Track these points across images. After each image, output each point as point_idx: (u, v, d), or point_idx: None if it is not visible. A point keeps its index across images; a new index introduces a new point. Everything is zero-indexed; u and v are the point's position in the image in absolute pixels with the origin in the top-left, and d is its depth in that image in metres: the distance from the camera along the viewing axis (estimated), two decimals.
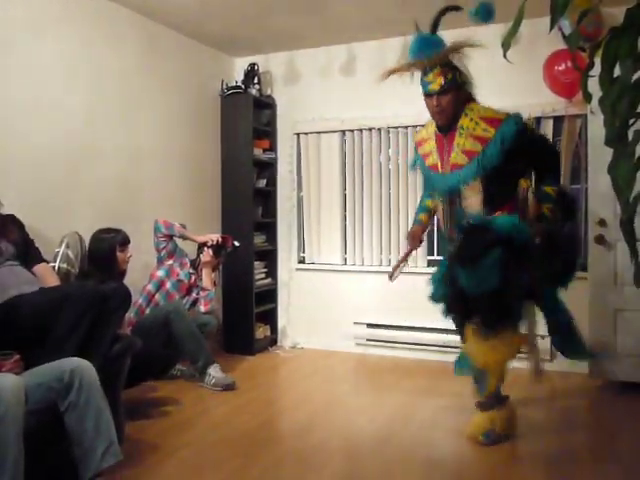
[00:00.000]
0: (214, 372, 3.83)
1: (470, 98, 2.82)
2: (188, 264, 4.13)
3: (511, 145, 2.66)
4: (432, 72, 2.72)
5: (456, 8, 2.83)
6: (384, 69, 2.86)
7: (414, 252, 3.54)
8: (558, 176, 2.87)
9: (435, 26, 2.83)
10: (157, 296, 3.96)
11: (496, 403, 2.94)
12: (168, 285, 4.00)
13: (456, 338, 3.88)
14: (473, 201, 2.78)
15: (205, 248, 4.12)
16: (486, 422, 2.88)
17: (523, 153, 2.72)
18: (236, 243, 4.27)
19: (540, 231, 2.75)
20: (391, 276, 3.22)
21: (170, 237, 4.05)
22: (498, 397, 2.97)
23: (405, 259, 3.31)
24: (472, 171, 2.72)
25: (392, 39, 4.69)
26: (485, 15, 2.81)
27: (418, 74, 2.85)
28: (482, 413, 2.93)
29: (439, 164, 2.84)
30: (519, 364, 4.33)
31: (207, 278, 4.12)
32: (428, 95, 2.76)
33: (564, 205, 2.82)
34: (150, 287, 3.97)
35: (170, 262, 4.06)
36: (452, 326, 3.17)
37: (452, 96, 2.74)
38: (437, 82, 2.71)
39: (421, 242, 3.27)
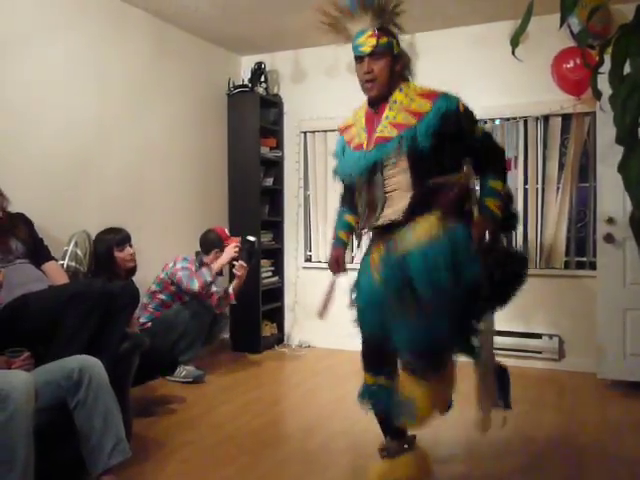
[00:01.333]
0: (187, 367, 3.96)
1: (406, 78, 2.42)
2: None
3: (448, 121, 2.25)
4: (366, 33, 2.31)
5: None
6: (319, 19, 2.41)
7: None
8: (504, 174, 2.43)
9: None
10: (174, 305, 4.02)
11: (407, 447, 2.43)
12: (186, 298, 4.02)
13: None
14: (398, 181, 2.28)
15: (235, 254, 4.10)
16: (396, 470, 2.38)
17: (460, 135, 2.28)
18: (250, 238, 4.24)
19: (484, 227, 2.28)
20: (321, 314, 2.65)
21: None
22: (408, 439, 2.45)
23: (332, 291, 2.74)
24: (400, 143, 2.25)
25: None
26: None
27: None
28: (389, 460, 2.41)
29: (365, 143, 2.35)
30: (526, 363, 4.35)
31: (240, 285, 4.24)
32: (359, 58, 2.33)
33: (507, 212, 2.41)
34: (164, 297, 4.01)
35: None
36: None
37: (386, 62, 2.31)
38: (369, 43, 2.29)
39: (345, 269, 2.68)
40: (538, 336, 4.36)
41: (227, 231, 4.35)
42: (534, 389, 3.87)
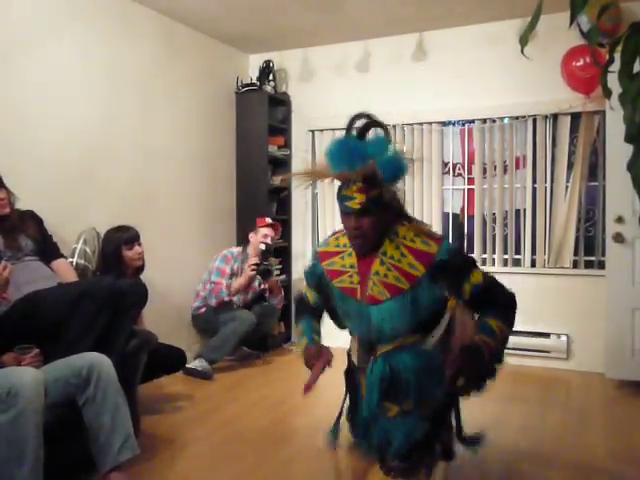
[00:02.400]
0: (199, 362, 4.06)
1: (397, 219, 2.26)
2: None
3: (441, 276, 2.16)
4: (353, 186, 2.13)
5: (380, 124, 2.28)
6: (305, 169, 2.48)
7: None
8: (511, 321, 2.18)
9: (363, 131, 2.22)
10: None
11: None
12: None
13: None
14: (395, 335, 2.27)
15: (252, 273, 4.31)
16: None
17: (455, 279, 2.17)
18: (261, 247, 4.46)
19: (463, 363, 2.03)
20: (308, 388, 2.49)
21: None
22: None
23: (318, 375, 2.54)
24: (397, 309, 2.19)
25: (407, 35, 4.69)
26: (391, 172, 2.17)
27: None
28: None
29: (358, 290, 2.26)
30: (534, 362, 4.34)
31: (277, 292, 4.67)
32: (345, 214, 2.22)
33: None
34: (223, 280, 4.34)
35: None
36: None
37: (375, 218, 2.16)
38: (357, 200, 2.13)
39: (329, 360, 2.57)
40: (546, 335, 4.35)
41: (267, 220, 4.60)
42: (542, 388, 3.86)
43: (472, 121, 4.60)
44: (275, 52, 5.19)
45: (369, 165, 2.11)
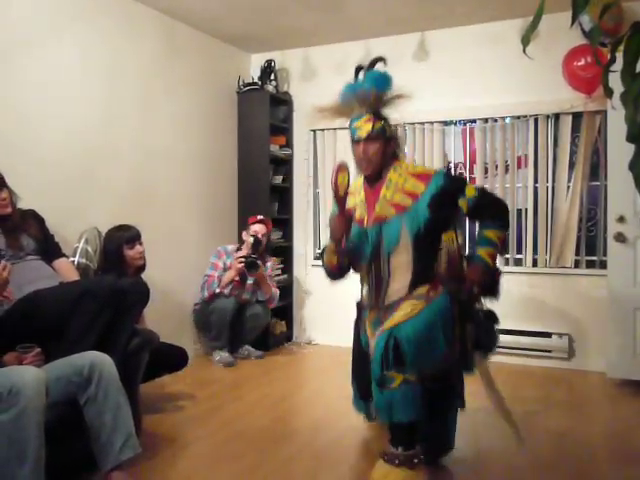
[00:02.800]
0: (222, 353, 4.43)
1: (397, 157, 2.65)
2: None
3: (441, 197, 2.48)
4: (361, 119, 2.57)
5: (381, 59, 2.73)
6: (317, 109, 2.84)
7: None
8: (503, 223, 2.56)
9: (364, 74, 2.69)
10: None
11: (416, 460, 2.40)
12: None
13: None
14: (399, 260, 2.53)
15: (240, 265, 4.40)
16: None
17: (454, 203, 2.51)
18: (250, 239, 4.52)
19: (473, 277, 2.48)
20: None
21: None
22: (417, 453, 2.41)
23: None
24: (403, 225, 2.50)
25: (408, 35, 4.69)
26: (381, 84, 2.62)
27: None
28: (390, 467, 2.41)
29: (366, 218, 2.60)
30: (536, 362, 4.34)
31: (265, 288, 4.59)
32: (355, 142, 2.59)
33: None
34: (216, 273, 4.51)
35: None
36: None
37: (379, 145, 2.55)
38: (365, 129, 2.54)
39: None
40: (548, 335, 4.34)
41: (258, 217, 4.65)
42: (544, 388, 3.85)
43: (474, 121, 4.60)
44: (277, 52, 5.20)
45: (373, 98, 2.58)
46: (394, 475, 2.38)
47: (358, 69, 2.72)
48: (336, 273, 2.78)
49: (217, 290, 4.39)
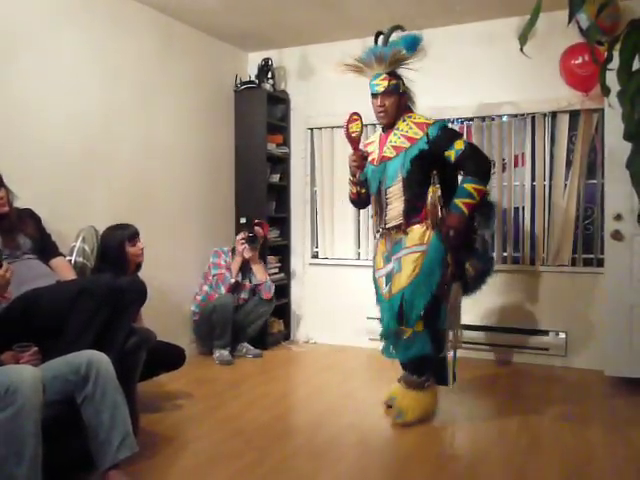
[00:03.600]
0: (222, 351, 4.47)
1: (410, 109, 3.25)
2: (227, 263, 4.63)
3: (434, 144, 3.04)
4: (380, 76, 3.13)
5: (400, 27, 3.26)
6: (342, 63, 3.26)
7: None
8: (483, 176, 3.05)
9: (387, 39, 3.21)
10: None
11: (427, 384, 3.18)
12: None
13: (466, 333, 3.93)
14: (395, 191, 3.14)
15: (242, 247, 4.55)
16: (405, 400, 3.15)
17: (441, 151, 3.05)
18: (242, 220, 4.75)
19: (450, 223, 3.00)
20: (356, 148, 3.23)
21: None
22: (427, 378, 3.19)
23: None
24: (399, 162, 3.10)
25: (406, 34, 4.66)
26: (410, 46, 3.12)
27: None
28: (405, 389, 3.19)
29: (376, 158, 3.24)
30: (532, 360, 4.34)
31: (259, 272, 4.65)
32: (374, 95, 3.17)
33: (482, 209, 3.10)
34: (206, 288, 4.59)
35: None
36: (463, 321, 3.29)
37: (394, 99, 3.15)
38: (382, 84, 3.13)
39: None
40: (545, 333, 4.35)
41: (255, 221, 4.75)
42: (540, 385, 3.86)
43: (471, 119, 4.60)
44: (274, 50, 5.19)
45: (390, 58, 3.10)
46: (410, 396, 3.14)
47: (378, 34, 3.23)
48: (357, 201, 3.51)
49: (232, 280, 4.50)
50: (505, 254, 4.52)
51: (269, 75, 5.06)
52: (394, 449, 2.86)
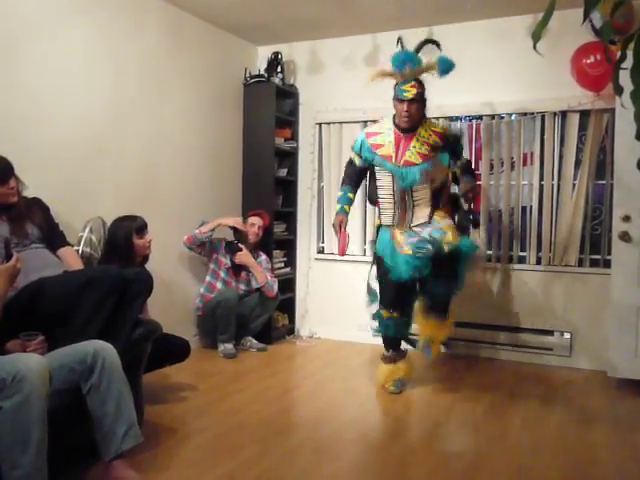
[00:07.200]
0: (226, 344, 4.51)
1: (425, 116, 3.53)
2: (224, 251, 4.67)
3: (451, 151, 3.55)
4: (409, 83, 3.35)
5: (435, 42, 3.56)
6: (376, 69, 3.55)
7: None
8: (471, 171, 3.74)
9: (418, 49, 3.47)
10: (217, 284, 4.60)
11: (401, 357, 3.72)
12: (222, 274, 4.62)
13: (472, 331, 3.92)
14: (423, 195, 3.52)
15: (236, 253, 4.60)
16: (397, 371, 3.64)
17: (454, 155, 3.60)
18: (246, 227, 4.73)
19: (466, 190, 3.59)
20: (343, 252, 3.63)
21: (202, 243, 4.48)
22: (404, 352, 3.75)
23: (345, 240, 3.61)
24: (426, 169, 3.42)
25: (416, 29, 4.64)
26: (444, 69, 3.36)
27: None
28: (392, 365, 3.67)
29: (394, 156, 3.46)
30: (537, 359, 4.34)
31: (257, 275, 4.64)
32: (401, 100, 3.38)
33: (465, 168, 3.65)
34: (208, 278, 4.61)
35: (215, 255, 4.62)
36: (468, 320, 3.30)
37: (419, 105, 3.41)
38: (411, 92, 3.34)
39: (345, 232, 3.63)
40: (550, 333, 4.35)
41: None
42: (544, 385, 3.86)
43: (480, 117, 4.58)
44: (284, 44, 5.18)
45: (420, 69, 3.37)
46: (398, 371, 3.63)
47: (399, 39, 3.51)
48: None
49: (196, 231, 4.42)
50: (511, 253, 4.50)
51: (278, 69, 5.06)
52: (395, 445, 2.86)
